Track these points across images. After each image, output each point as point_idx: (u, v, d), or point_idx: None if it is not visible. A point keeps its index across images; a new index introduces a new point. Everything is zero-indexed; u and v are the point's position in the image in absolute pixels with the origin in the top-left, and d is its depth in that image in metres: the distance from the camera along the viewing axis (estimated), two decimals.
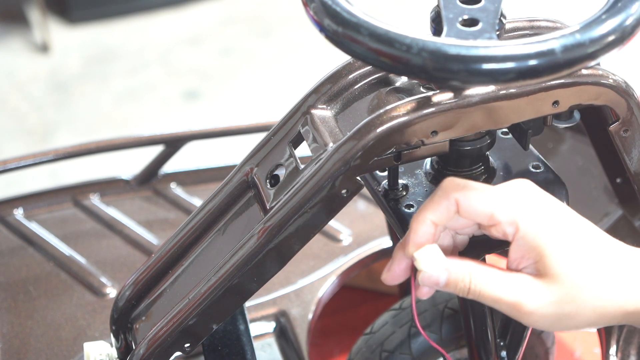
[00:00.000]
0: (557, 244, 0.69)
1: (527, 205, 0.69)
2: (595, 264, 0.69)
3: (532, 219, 0.69)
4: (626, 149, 0.83)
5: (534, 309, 0.69)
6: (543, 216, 0.69)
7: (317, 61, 3.10)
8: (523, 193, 0.70)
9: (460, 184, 0.70)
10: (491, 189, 0.70)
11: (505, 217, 0.69)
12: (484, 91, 0.73)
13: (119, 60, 3.19)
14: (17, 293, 1.25)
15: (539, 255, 0.69)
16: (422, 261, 0.70)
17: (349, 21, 0.70)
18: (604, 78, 0.77)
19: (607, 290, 0.69)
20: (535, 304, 0.69)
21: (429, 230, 0.70)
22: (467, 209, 0.70)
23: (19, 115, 2.95)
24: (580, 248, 0.69)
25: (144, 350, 0.85)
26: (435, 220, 0.70)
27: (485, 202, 0.69)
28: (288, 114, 0.83)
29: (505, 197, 0.70)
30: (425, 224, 0.70)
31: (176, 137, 1.38)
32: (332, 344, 1.40)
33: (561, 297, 0.68)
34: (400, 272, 0.72)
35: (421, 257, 0.70)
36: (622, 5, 0.70)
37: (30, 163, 1.35)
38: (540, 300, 0.69)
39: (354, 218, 1.36)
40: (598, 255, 0.70)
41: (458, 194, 0.70)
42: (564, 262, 0.68)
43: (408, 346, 1.06)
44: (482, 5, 0.74)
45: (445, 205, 0.70)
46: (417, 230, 0.70)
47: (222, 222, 0.86)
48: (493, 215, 0.69)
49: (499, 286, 0.69)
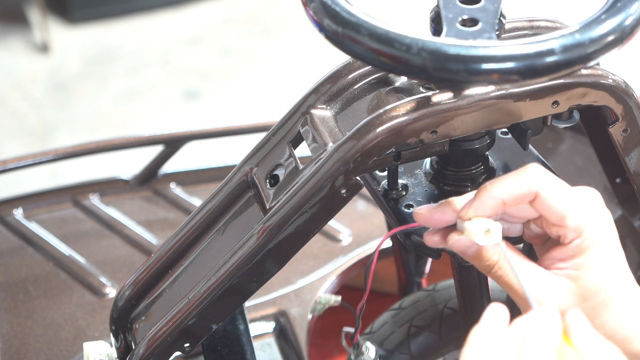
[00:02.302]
0: (603, 263, 0.70)
1: (595, 217, 0.70)
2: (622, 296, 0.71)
3: (595, 233, 0.69)
4: (626, 149, 0.83)
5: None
6: (605, 232, 0.70)
7: (317, 61, 3.10)
8: (593, 204, 0.70)
9: (545, 176, 0.69)
10: (569, 190, 0.70)
11: (575, 222, 0.69)
12: (483, 91, 0.73)
13: (119, 60, 3.19)
14: (17, 293, 1.25)
15: (583, 266, 0.69)
16: (474, 229, 0.69)
17: (349, 21, 0.70)
18: (604, 78, 0.77)
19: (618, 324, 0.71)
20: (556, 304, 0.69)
21: (495, 208, 0.69)
22: (543, 203, 0.69)
23: (19, 115, 2.95)
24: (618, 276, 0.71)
25: (143, 350, 0.85)
26: (506, 202, 0.69)
27: (563, 202, 0.69)
28: (288, 114, 0.83)
29: (580, 203, 0.69)
30: (496, 201, 0.69)
31: (176, 137, 1.38)
32: (332, 344, 1.40)
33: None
34: (437, 221, 0.72)
35: (472, 226, 0.69)
36: (622, 5, 0.70)
37: (30, 163, 1.35)
38: (558, 302, 0.69)
39: (354, 218, 1.36)
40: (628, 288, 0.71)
41: (541, 186, 0.69)
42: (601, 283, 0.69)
43: (407, 346, 1.06)
44: (482, 5, 0.74)
45: (524, 192, 0.69)
46: (484, 202, 0.69)
47: (221, 222, 0.86)
48: (565, 217, 0.69)
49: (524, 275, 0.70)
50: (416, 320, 1.07)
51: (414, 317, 1.07)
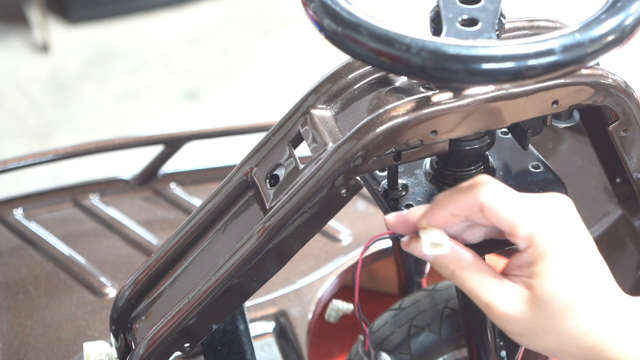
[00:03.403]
0: (559, 272, 0.69)
1: (548, 225, 0.70)
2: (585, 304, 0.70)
3: (548, 241, 0.69)
4: (626, 149, 0.83)
5: (504, 315, 0.70)
6: (561, 241, 0.70)
7: (317, 61, 3.10)
8: (548, 212, 0.70)
9: (491, 186, 0.70)
10: (520, 199, 0.70)
11: (525, 231, 0.69)
12: (483, 91, 0.73)
13: (119, 60, 3.19)
14: (17, 293, 1.25)
15: (537, 274, 0.69)
16: (425, 239, 0.72)
17: (349, 21, 0.70)
18: (604, 78, 0.77)
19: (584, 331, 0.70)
20: (507, 311, 0.70)
21: (445, 219, 0.72)
22: (490, 214, 0.70)
23: (19, 115, 2.95)
24: (578, 283, 0.70)
25: (143, 350, 0.85)
26: (455, 214, 0.71)
27: (511, 212, 0.69)
28: (288, 114, 0.83)
29: (531, 211, 0.70)
30: (445, 214, 0.71)
31: (176, 137, 1.38)
32: (332, 344, 1.40)
33: (533, 318, 0.70)
34: (402, 229, 0.75)
35: (426, 236, 0.72)
36: (622, 5, 0.70)
37: (30, 163, 1.35)
38: (513, 310, 0.70)
39: (354, 218, 1.36)
40: (593, 295, 0.70)
41: (486, 197, 0.70)
42: (556, 291, 0.69)
43: (407, 346, 1.06)
44: (482, 5, 0.74)
45: (469, 205, 0.70)
46: (434, 213, 0.72)
47: (221, 222, 0.86)
48: (515, 226, 0.69)
49: (482, 284, 0.71)
50: (416, 321, 1.07)
51: (414, 317, 1.07)
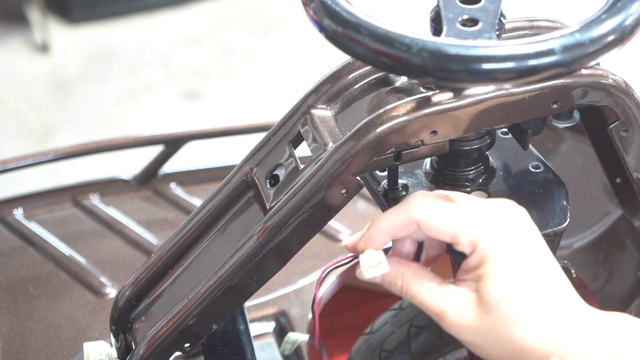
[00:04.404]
0: (504, 274, 0.69)
1: (491, 229, 0.70)
2: (534, 309, 0.69)
3: (490, 244, 0.69)
4: (626, 149, 0.83)
5: (455, 323, 0.70)
6: (504, 243, 0.69)
7: (317, 61, 3.10)
8: (494, 215, 0.70)
9: (424, 203, 0.71)
10: (456, 209, 0.71)
11: (466, 238, 0.70)
12: (483, 91, 0.73)
13: (119, 60, 3.19)
14: (17, 293, 1.25)
15: (482, 276, 0.69)
16: (363, 262, 0.73)
17: (349, 21, 0.70)
18: (604, 78, 0.77)
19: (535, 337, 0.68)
20: (456, 318, 0.70)
21: (383, 239, 0.73)
22: (428, 229, 0.71)
23: (19, 115, 2.95)
24: (526, 287, 0.69)
25: (143, 350, 0.85)
26: (392, 234, 0.72)
27: (448, 222, 0.70)
28: (288, 114, 0.83)
29: (470, 216, 0.70)
30: (381, 234, 0.73)
31: (176, 137, 1.38)
32: (332, 344, 1.40)
33: (483, 323, 0.69)
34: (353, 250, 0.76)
35: (364, 259, 0.73)
36: (622, 5, 0.70)
37: (30, 163, 1.35)
38: (462, 316, 0.70)
39: (354, 218, 1.36)
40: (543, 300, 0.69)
41: (420, 215, 0.70)
42: (501, 294, 0.68)
43: (408, 346, 1.06)
44: (482, 5, 0.74)
45: (404, 224, 0.71)
46: (371, 234, 0.73)
47: (222, 222, 0.86)
48: (455, 235, 0.70)
49: (429, 293, 0.72)
50: (416, 320, 1.07)
51: (414, 317, 1.08)
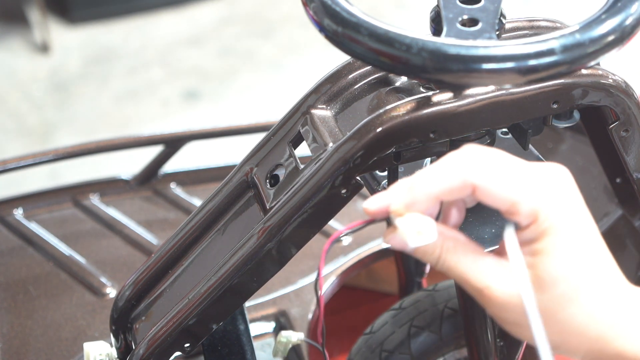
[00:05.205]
0: (565, 250, 0.62)
1: (554, 198, 0.61)
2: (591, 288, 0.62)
3: (554, 216, 0.61)
4: (626, 149, 0.83)
5: (500, 300, 0.62)
6: (569, 215, 0.62)
7: (317, 61, 3.10)
8: (553, 183, 0.62)
9: (482, 164, 0.61)
10: (518, 171, 0.62)
11: (527, 207, 0.61)
12: (483, 91, 0.73)
13: (119, 60, 3.19)
14: (17, 293, 1.25)
15: (540, 252, 0.62)
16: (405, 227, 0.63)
17: (349, 21, 0.70)
18: (604, 78, 0.77)
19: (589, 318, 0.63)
20: (503, 294, 0.62)
21: (428, 204, 0.62)
22: (485, 195, 0.61)
23: (19, 115, 2.95)
24: (585, 265, 0.62)
25: (143, 350, 0.85)
26: (441, 197, 0.62)
27: (509, 189, 0.61)
28: (288, 114, 0.83)
29: (532, 184, 0.61)
30: (429, 198, 0.62)
31: (176, 137, 1.38)
32: (332, 344, 1.40)
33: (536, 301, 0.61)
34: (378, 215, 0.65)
35: (404, 223, 0.63)
36: (622, 5, 0.70)
37: (30, 163, 1.35)
38: (509, 293, 0.62)
39: (354, 218, 1.36)
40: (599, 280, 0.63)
41: (478, 179, 0.61)
42: (562, 272, 0.61)
43: (408, 346, 1.06)
44: (482, 5, 0.74)
45: (457, 187, 0.61)
46: (415, 196, 0.62)
47: (221, 222, 0.86)
48: (515, 204, 0.61)
49: (472, 265, 0.63)
50: (416, 320, 1.07)
51: (414, 317, 1.08)
